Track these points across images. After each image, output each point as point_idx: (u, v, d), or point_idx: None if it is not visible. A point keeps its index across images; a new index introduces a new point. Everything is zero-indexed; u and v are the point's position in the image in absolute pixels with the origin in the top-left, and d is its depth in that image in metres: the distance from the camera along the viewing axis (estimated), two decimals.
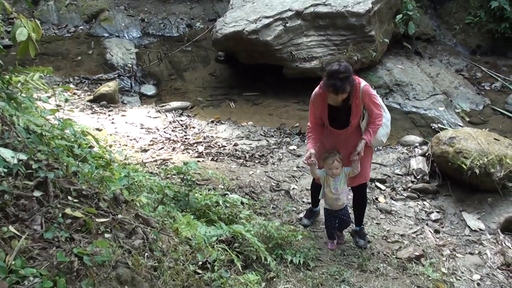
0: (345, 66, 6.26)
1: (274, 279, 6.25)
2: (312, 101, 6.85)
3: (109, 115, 11.52)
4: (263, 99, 13.51)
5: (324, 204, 7.32)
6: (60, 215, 3.87)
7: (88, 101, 12.31)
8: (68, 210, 3.89)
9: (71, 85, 13.23)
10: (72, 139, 5.45)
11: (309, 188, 8.77)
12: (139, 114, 11.78)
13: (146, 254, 4.18)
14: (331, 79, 6.19)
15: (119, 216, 4.34)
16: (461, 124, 12.55)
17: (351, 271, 6.83)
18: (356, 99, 6.53)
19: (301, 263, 6.75)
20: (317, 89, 6.71)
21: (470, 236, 8.21)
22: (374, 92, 6.81)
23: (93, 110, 11.75)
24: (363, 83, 6.58)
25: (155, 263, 4.17)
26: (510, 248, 7.86)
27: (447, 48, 16.46)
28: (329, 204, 7.17)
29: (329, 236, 7.44)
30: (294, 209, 8.33)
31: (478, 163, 8.57)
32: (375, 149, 10.73)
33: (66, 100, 6.96)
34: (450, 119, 12.97)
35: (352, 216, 7.54)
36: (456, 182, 9.11)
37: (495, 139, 9.37)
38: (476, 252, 7.84)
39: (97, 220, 4.07)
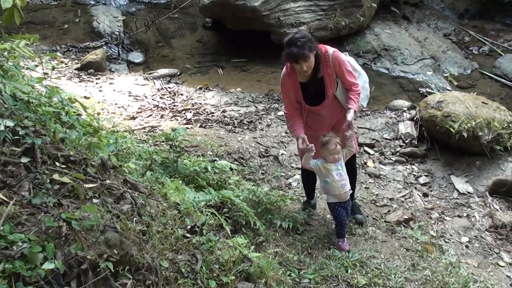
0: (302, 32, 5.97)
1: (264, 244, 6.29)
2: (282, 84, 6.47)
3: (97, 83, 11.48)
4: (251, 66, 13.47)
5: (328, 198, 6.61)
6: (48, 181, 3.85)
7: (75, 69, 12.25)
8: (56, 176, 3.87)
9: (58, 54, 13.15)
10: (60, 107, 5.41)
11: (298, 153, 8.79)
12: (127, 81, 11.73)
13: (134, 218, 4.17)
14: (288, 47, 5.87)
15: (107, 181, 4.33)
16: (449, 88, 12.57)
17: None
18: (328, 68, 6.19)
19: (290, 228, 6.80)
20: (283, 70, 6.38)
21: (458, 199, 8.25)
22: (344, 57, 6.42)
23: (81, 78, 11.70)
24: (331, 50, 6.22)
25: (143, 227, 4.17)
26: (498, 210, 7.91)
27: (435, 12, 16.41)
28: (336, 196, 6.47)
29: (339, 235, 6.70)
30: (283, 174, 8.35)
31: (466, 126, 8.59)
32: (363, 113, 10.76)
33: (53, 68, 6.94)
34: (438, 83, 12.99)
35: None
36: (444, 146, 9.14)
37: (483, 102, 9.39)
38: (465, 214, 7.89)
39: (85, 185, 4.05)
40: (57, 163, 4.10)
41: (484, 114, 8.86)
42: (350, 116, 6.17)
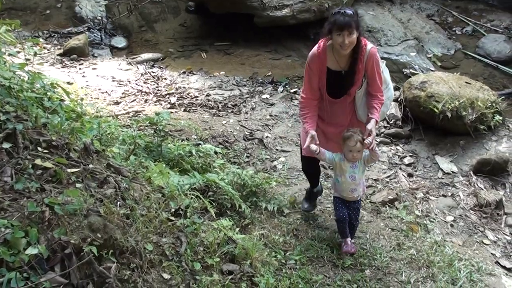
0: (351, 9, 5.45)
1: (249, 226, 6.30)
2: (309, 64, 5.76)
3: (80, 68, 11.41)
4: (234, 49, 13.43)
5: (335, 192, 6.24)
6: (30, 166, 3.84)
7: (58, 55, 12.17)
8: (38, 161, 3.86)
9: (40, 40, 13.04)
10: (42, 92, 5.38)
11: (283, 136, 8.80)
12: (110, 66, 11.67)
13: (118, 202, 4.16)
14: (335, 15, 5.34)
15: (90, 166, 4.32)
16: (433, 69, 12.59)
17: (325, 216, 6.90)
18: (360, 63, 5.58)
19: (276, 210, 6.80)
20: (314, 48, 5.69)
21: (443, 179, 8.29)
22: (380, 59, 5.84)
23: (64, 64, 11.63)
24: (369, 45, 5.63)
25: (127, 211, 4.16)
26: (482, 189, 7.95)
27: None
28: (342, 196, 6.12)
29: (342, 234, 6.29)
30: (268, 157, 8.34)
31: (449, 106, 8.61)
32: None
33: (35, 54, 6.88)
34: (421, 64, 13.01)
35: None
36: (428, 126, 9.16)
37: (466, 82, 9.41)
38: (449, 194, 7.93)
39: (67, 170, 4.04)
40: (39, 148, 4.09)
41: (467, 94, 8.88)
42: (371, 125, 5.66)
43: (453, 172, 8.42)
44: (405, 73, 12.48)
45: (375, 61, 5.64)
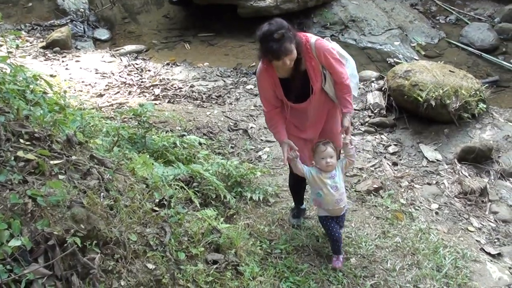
0: (277, 22, 5.01)
1: (234, 216, 6.32)
2: (259, 80, 5.56)
3: (63, 61, 11.37)
4: (218, 40, 13.40)
5: (319, 211, 5.87)
6: (13, 158, 3.81)
7: (41, 47, 12.11)
8: (20, 153, 3.84)
9: (23, 32, 12.98)
10: (24, 85, 5.35)
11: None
12: (93, 59, 11.63)
13: (102, 193, 4.15)
14: (265, 43, 4.97)
15: (73, 157, 4.29)
16: (417, 58, 12.62)
17: (310, 205, 6.88)
18: (311, 60, 5.29)
19: (261, 200, 6.83)
20: (259, 65, 5.44)
21: (427, 167, 8.32)
22: (328, 44, 5.45)
23: (47, 56, 11.58)
24: (312, 38, 5.30)
25: (111, 202, 4.15)
26: (466, 177, 7.98)
27: None
28: (329, 210, 5.70)
29: (336, 251, 5.93)
30: (253, 147, 8.34)
31: (433, 95, 8.64)
32: None
33: (17, 47, 6.82)
34: (405, 53, 13.03)
35: None
36: (412, 115, 9.19)
37: (450, 71, 9.45)
38: (434, 182, 7.96)
39: (50, 162, 4.02)
40: (21, 140, 4.06)
41: (451, 82, 8.92)
42: (347, 121, 5.47)
43: (437, 160, 8.45)
44: (389, 62, 12.49)
45: (325, 51, 5.29)
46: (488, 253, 6.73)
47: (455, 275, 6.03)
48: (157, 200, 4.78)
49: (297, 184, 6.38)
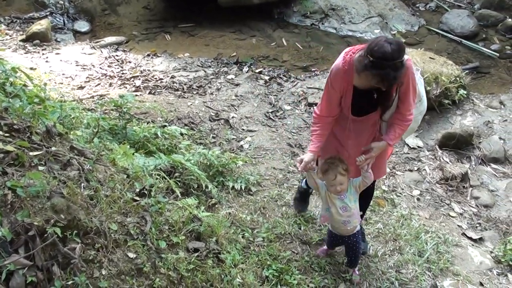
0: (397, 44, 4.30)
1: (216, 206, 6.33)
2: (332, 81, 4.81)
3: (43, 54, 11.27)
4: (199, 30, 13.34)
5: (329, 225, 5.58)
6: None
7: (20, 40, 12.00)
8: None
9: (2, 26, 12.87)
10: (3, 77, 5.33)
11: (249, 116, 8.80)
12: (73, 51, 11.55)
13: (82, 184, 4.16)
14: (381, 68, 4.23)
15: (53, 148, 4.29)
16: None
17: (292, 193, 6.92)
18: None
19: (243, 189, 6.84)
20: (340, 62, 4.72)
21: (409, 153, 8.37)
22: (417, 73, 4.96)
23: (26, 49, 11.48)
24: (405, 56, 4.45)
25: (91, 192, 4.16)
26: (448, 163, 8.04)
27: None
28: (335, 228, 5.43)
29: (328, 244, 5.82)
30: (234, 137, 8.34)
31: None
32: (312, 74, 10.82)
33: None
34: None
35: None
36: None
37: (430, 58, 9.51)
38: (415, 168, 8.02)
39: (30, 153, 4.02)
40: (0, 132, 4.05)
41: (431, 69, 8.97)
42: (376, 144, 5.02)
43: (418, 147, 8.51)
44: None
45: (410, 75, 4.70)
46: (470, 238, 6.82)
47: (437, 260, 6.10)
48: (137, 190, 4.79)
49: (302, 198, 6.50)
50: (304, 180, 6.19)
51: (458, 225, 7.02)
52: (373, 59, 4.25)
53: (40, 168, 3.98)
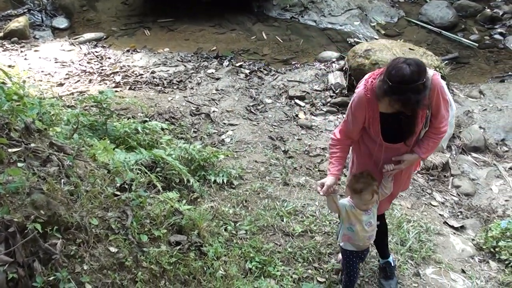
0: (417, 65, 4.06)
1: (198, 199, 6.32)
2: (356, 108, 4.60)
3: (22, 51, 11.21)
4: (178, 25, 13.31)
5: (345, 245, 5.14)
6: None
7: None
8: None
9: None
10: None
11: (230, 110, 8.81)
12: (52, 48, 11.49)
13: (62, 180, 4.14)
14: (397, 92, 4.05)
15: (32, 145, 4.28)
16: (377, 37, 12.68)
17: (274, 186, 6.94)
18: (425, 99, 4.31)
19: (225, 182, 6.84)
20: (361, 91, 4.51)
21: None
22: (443, 83, 4.61)
23: (4, 47, 11.41)
24: (429, 72, 4.28)
25: (71, 187, 4.15)
26: None
27: None
28: (357, 246, 5.10)
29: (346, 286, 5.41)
30: (215, 131, 8.34)
31: None
32: (292, 67, 10.85)
33: None
34: (365, 33, 13.10)
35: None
36: None
37: (410, 49, 9.54)
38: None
39: (9, 150, 4.00)
40: None
41: None
42: (408, 157, 4.72)
43: None
44: (349, 42, 12.54)
45: (439, 90, 4.47)
46: (451, 226, 6.86)
47: (419, 249, 6.12)
48: (118, 185, 4.78)
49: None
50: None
51: (439, 214, 7.05)
52: (392, 84, 4.05)
53: (19, 164, 3.97)
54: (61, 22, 13.70)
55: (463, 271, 6.02)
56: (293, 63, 11.34)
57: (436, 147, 4.83)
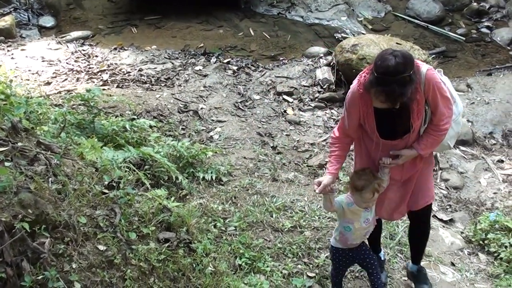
0: (403, 57, 4.07)
1: (187, 197, 6.33)
2: (350, 104, 4.61)
3: (8, 50, 11.17)
4: (165, 22, 13.27)
5: (335, 242, 5.04)
6: None
7: None
8: None
9: None
10: None
11: (218, 106, 8.81)
12: (39, 47, 11.45)
13: (50, 179, 4.13)
14: (382, 83, 4.04)
15: (19, 144, 4.26)
16: (364, 32, 12.70)
17: (263, 182, 6.96)
18: (417, 94, 4.33)
19: (214, 179, 6.85)
20: (355, 86, 4.50)
21: None
22: (440, 77, 4.54)
23: None
24: (424, 67, 4.36)
25: (59, 186, 4.14)
26: None
27: None
28: (351, 243, 4.95)
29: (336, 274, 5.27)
30: (204, 128, 8.34)
31: None
32: (280, 62, 10.85)
33: None
34: (353, 28, 13.12)
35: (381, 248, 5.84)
36: None
37: (397, 43, 9.56)
38: None
39: None
40: None
41: None
42: (406, 152, 4.61)
43: None
44: (336, 37, 12.56)
45: (436, 84, 4.40)
46: (441, 220, 6.90)
47: (408, 242, 6.12)
48: (106, 183, 4.77)
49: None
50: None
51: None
52: (377, 75, 4.06)
53: (7, 164, 3.95)
54: (47, 20, 13.63)
55: (452, 264, 6.06)
56: (280, 59, 11.35)
57: (438, 145, 4.72)
